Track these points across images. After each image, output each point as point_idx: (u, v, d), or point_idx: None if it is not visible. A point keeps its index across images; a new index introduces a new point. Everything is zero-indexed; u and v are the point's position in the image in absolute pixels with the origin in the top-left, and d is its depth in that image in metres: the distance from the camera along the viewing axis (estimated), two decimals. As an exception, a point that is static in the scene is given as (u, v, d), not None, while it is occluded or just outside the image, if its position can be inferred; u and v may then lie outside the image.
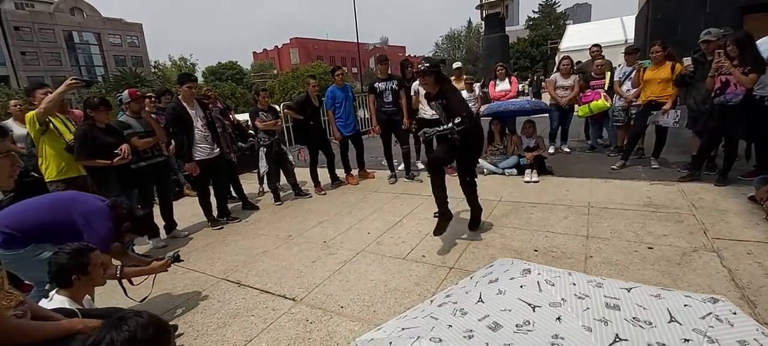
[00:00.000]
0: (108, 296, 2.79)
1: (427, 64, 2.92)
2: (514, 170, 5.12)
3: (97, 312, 1.90)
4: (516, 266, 1.56)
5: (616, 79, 5.39)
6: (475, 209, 3.40)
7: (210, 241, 3.89)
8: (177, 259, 2.58)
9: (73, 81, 3.21)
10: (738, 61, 3.58)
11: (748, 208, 3.26)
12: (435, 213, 3.11)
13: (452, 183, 3.33)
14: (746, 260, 2.43)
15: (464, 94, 6.47)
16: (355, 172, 5.81)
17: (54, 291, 1.90)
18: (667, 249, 2.69)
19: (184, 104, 4.02)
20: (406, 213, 4.03)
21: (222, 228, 4.23)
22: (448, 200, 3.14)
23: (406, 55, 74.62)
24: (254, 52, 66.72)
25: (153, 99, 5.08)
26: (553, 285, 1.37)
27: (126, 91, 4.04)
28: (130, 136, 3.77)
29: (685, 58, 4.38)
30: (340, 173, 5.75)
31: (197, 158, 4.07)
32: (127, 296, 2.32)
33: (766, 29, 4.52)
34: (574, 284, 1.37)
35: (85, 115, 3.53)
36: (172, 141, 4.39)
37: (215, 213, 4.40)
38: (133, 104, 3.94)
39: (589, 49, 6.22)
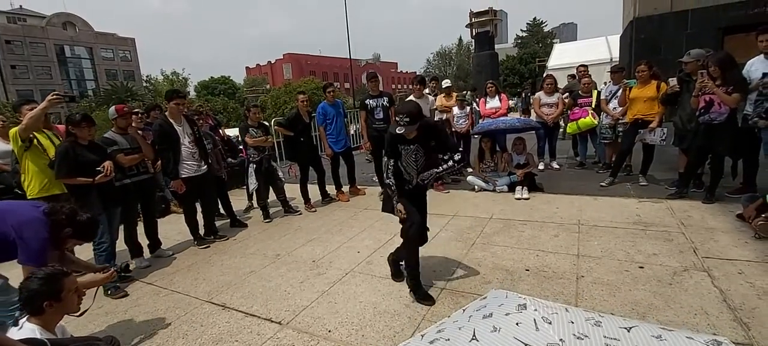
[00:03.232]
0: (83, 321, 2.67)
1: (408, 120, 2.42)
2: (505, 187, 5.12)
3: (70, 342, 1.81)
4: (511, 299, 1.49)
5: (602, 97, 5.47)
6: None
7: (195, 260, 3.79)
8: (125, 270, 2.45)
9: (55, 97, 3.14)
10: (721, 81, 3.65)
11: (737, 226, 3.27)
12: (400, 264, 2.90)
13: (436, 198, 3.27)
14: (737, 280, 2.42)
15: (456, 110, 6.55)
16: (345, 188, 5.76)
17: (24, 319, 1.80)
18: (658, 268, 2.68)
19: (171, 121, 3.96)
20: (396, 231, 3.94)
21: (208, 247, 4.13)
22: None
23: (399, 71, 75.51)
24: (247, 67, 66.88)
25: (140, 114, 5.00)
26: (550, 323, 1.31)
27: (112, 107, 3.97)
28: (116, 152, 3.69)
29: (671, 79, 4.47)
30: (331, 189, 5.70)
31: (184, 175, 3.99)
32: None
33: (744, 49, 4.65)
34: (572, 322, 1.32)
35: (67, 131, 3.45)
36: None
37: (202, 231, 4.31)
38: (120, 120, 3.86)
39: (577, 68, 6.34)
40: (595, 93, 5.79)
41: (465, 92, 9.16)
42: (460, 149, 2.69)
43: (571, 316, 1.35)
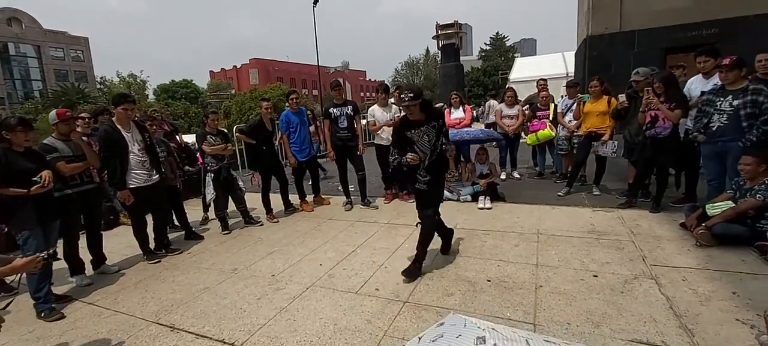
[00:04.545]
0: None
1: (411, 95, 2.86)
2: (469, 197, 5.19)
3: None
4: (469, 330, 1.43)
5: (559, 110, 5.72)
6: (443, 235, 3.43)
7: (144, 277, 3.53)
8: (52, 257, 2.20)
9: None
10: (664, 97, 3.91)
11: (680, 234, 3.48)
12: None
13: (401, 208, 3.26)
14: (682, 287, 2.55)
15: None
16: (310, 198, 5.64)
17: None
18: (610, 277, 2.78)
19: (119, 127, 3.71)
20: (360, 243, 3.91)
21: (159, 262, 3.87)
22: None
23: (367, 79, 75.72)
24: (211, 72, 64.65)
25: (87, 119, 4.67)
26: None
27: (53, 111, 3.67)
28: (56, 160, 3.39)
29: (620, 95, 4.74)
30: (295, 199, 5.56)
31: (132, 186, 3.74)
32: None
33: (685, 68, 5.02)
34: None
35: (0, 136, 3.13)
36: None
37: (152, 245, 4.04)
38: (61, 125, 3.56)
39: (536, 82, 6.61)
40: (552, 106, 6.04)
41: (442, 105, 9.26)
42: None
43: None
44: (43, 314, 2.89)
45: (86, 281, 3.50)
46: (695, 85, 4.13)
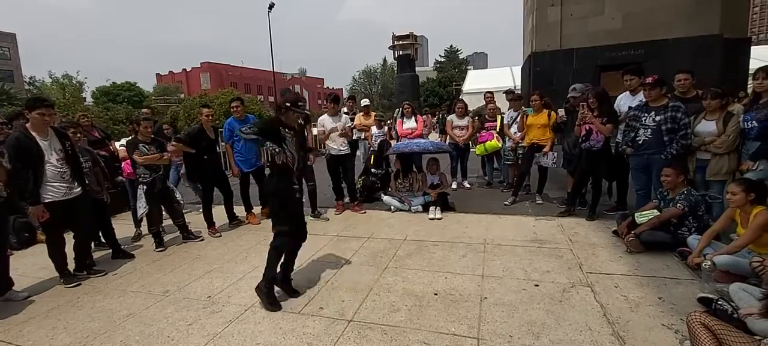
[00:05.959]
0: None
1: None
2: (420, 207, 5.21)
3: None
4: None
5: (505, 122, 5.94)
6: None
7: (58, 303, 3.13)
8: None
9: None
10: (598, 112, 4.17)
11: (613, 241, 3.69)
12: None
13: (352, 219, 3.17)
14: (614, 294, 2.68)
15: (374, 130, 6.61)
16: (257, 209, 5.38)
17: None
18: (550, 286, 2.86)
19: (33, 134, 3.30)
20: (307, 257, 3.75)
21: (79, 285, 3.46)
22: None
23: (325, 87, 75.06)
24: (158, 75, 60.73)
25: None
26: None
27: (-51, 118, 3.20)
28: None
29: (559, 110, 5.00)
30: (241, 211, 5.27)
31: (48, 200, 3.32)
32: None
33: (616, 85, 5.41)
34: None
35: None
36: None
37: (73, 266, 3.61)
38: (-42, 133, 3.11)
39: (484, 94, 6.84)
40: (499, 118, 6.26)
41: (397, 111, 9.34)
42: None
43: None
44: (-76, 354, 2.46)
45: (-15, 311, 3.05)
46: (624, 102, 4.45)
